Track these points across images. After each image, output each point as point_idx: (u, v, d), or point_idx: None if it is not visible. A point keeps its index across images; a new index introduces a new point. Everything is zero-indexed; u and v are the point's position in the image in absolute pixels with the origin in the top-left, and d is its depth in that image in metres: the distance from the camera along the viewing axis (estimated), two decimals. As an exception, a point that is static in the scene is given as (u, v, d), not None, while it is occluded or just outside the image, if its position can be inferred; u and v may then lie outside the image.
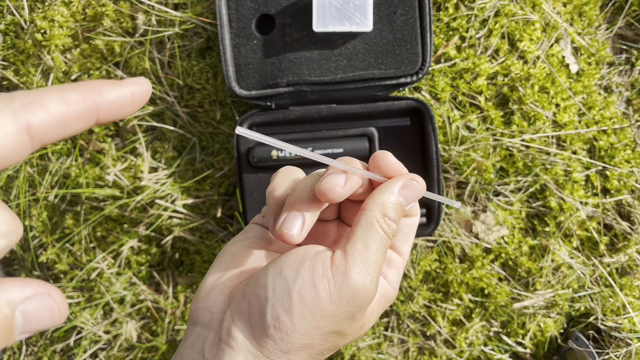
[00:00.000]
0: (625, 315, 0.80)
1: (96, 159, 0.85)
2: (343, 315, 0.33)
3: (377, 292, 0.36)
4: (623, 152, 0.80)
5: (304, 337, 0.32)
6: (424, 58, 0.72)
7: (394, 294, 0.39)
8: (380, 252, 0.34)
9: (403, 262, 0.39)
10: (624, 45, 0.82)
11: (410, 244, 0.40)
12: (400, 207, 0.35)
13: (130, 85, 0.24)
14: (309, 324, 0.32)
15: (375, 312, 0.37)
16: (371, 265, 0.33)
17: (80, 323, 0.88)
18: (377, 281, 0.34)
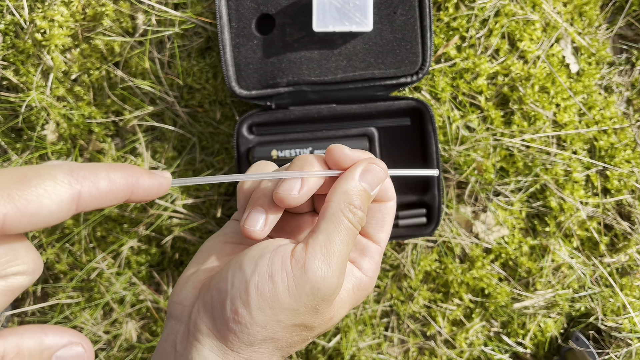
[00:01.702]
0: (626, 315, 0.80)
1: (96, 158, 0.85)
2: (304, 308, 0.32)
3: (349, 283, 0.36)
4: (623, 152, 0.80)
5: (265, 330, 0.32)
6: (424, 58, 0.72)
7: (369, 283, 0.37)
8: (345, 243, 0.33)
9: (379, 250, 0.38)
10: (624, 45, 0.82)
11: (387, 232, 0.38)
12: (364, 192, 0.34)
13: (160, 178, 0.29)
14: (268, 317, 0.32)
15: (347, 303, 0.36)
16: (333, 258, 0.32)
17: (80, 323, 0.88)
18: (341, 273, 0.33)
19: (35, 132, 0.86)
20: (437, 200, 0.74)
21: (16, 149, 0.87)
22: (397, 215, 0.76)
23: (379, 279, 0.85)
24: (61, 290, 0.89)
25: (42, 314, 0.91)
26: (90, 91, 0.84)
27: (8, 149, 0.87)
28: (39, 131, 0.85)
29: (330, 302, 0.33)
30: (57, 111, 0.84)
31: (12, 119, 0.87)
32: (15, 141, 0.87)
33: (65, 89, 0.84)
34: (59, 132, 0.85)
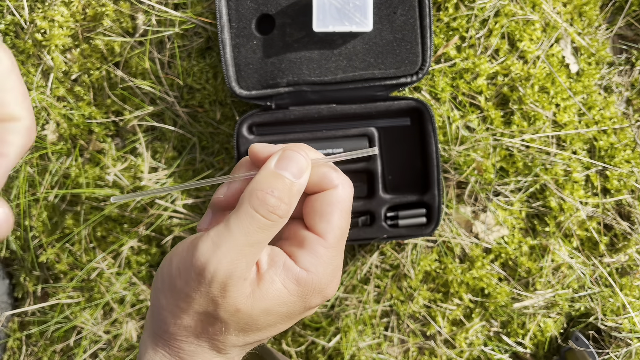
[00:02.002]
0: (626, 315, 0.80)
1: (96, 159, 0.85)
2: (197, 294, 0.32)
3: (279, 277, 0.33)
4: (623, 152, 0.80)
5: (173, 316, 0.33)
6: (424, 58, 0.72)
7: (312, 280, 0.33)
8: (244, 230, 0.31)
9: (323, 243, 0.34)
10: (624, 45, 0.82)
11: (333, 222, 0.34)
12: (277, 176, 0.32)
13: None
14: (169, 302, 0.33)
15: (280, 300, 0.33)
16: (225, 243, 0.31)
17: (80, 323, 0.88)
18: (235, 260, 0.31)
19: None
20: (437, 200, 0.74)
21: (16, 149, 0.87)
22: (397, 215, 0.76)
23: (378, 279, 0.85)
24: (61, 290, 0.89)
25: (42, 313, 0.91)
26: (90, 91, 0.84)
27: (8, 149, 0.87)
28: (39, 131, 0.85)
29: (225, 289, 0.31)
30: (57, 111, 0.84)
31: (12, 119, 0.87)
32: (15, 141, 0.87)
33: (65, 89, 0.84)
34: (59, 132, 0.85)
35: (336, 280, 0.35)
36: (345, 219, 0.35)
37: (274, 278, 0.33)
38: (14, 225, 0.90)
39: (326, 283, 0.34)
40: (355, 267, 0.85)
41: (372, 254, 0.84)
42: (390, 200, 0.76)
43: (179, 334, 0.33)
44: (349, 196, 0.36)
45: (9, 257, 0.93)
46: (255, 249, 0.32)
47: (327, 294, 0.35)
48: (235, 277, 0.31)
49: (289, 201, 0.33)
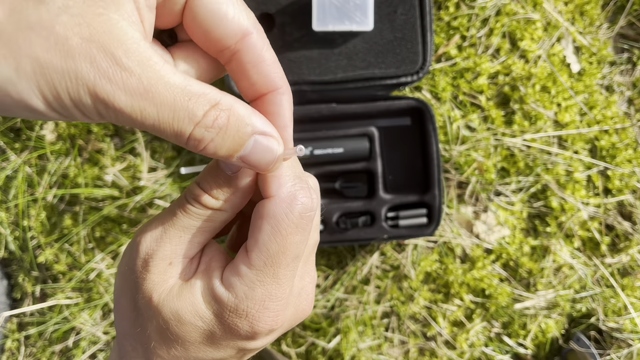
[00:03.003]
0: (627, 316, 0.80)
1: (95, 158, 0.85)
2: (128, 272, 0.31)
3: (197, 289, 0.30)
4: (625, 151, 0.80)
5: (116, 300, 0.33)
6: (425, 57, 0.72)
7: (227, 298, 0.29)
8: (172, 210, 0.31)
9: (247, 262, 0.29)
10: (626, 45, 0.81)
11: (260, 241, 0.29)
12: (213, 170, 0.30)
13: None
14: (116, 288, 0.33)
15: (199, 312, 0.30)
16: (155, 220, 0.31)
17: (79, 324, 0.88)
18: (160, 238, 0.30)
19: (34, 131, 0.85)
20: (438, 200, 0.74)
21: (15, 149, 0.87)
22: (398, 216, 0.76)
23: (379, 279, 0.85)
24: (60, 291, 0.89)
25: (40, 314, 0.90)
26: (89, 91, 0.84)
27: (7, 148, 0.87)
28: (38, 131, 0.85)
29: (145, 266, 0.30)
30: (56, 111, 0.84)
31: (11, 118, 0.86)
32: (14, 141, 0.87)
33: (64, 89, 0.84)
34: (58, 131, 0.85)
35: (268, 311, 0.30)
36: (279, 241, 0.29)
37: (197, 283, 0.30)
38: (12, 225, 0.90)
39: (246, 309, 0.29)
40: (355, 268, 0.84)
41: (372, 255, 0.84)
42: (390, 200, 0.76)
43: (122, 322, 0.32)
44: (288, 211, 0.29)
45: (7, 258, 0.92)
46: (183, 234, 0.30)
47: (254, 324, 0.29)
48: (157, 257, 0.30)
49: (221, 196, 0.30)
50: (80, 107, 0.23)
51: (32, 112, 0.23)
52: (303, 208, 0.29)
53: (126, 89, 0.23)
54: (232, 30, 0.28)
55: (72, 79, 0.22)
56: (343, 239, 0.75)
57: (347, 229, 0.74)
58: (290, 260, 0.30)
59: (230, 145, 0.27)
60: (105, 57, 0.23)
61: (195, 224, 0.30)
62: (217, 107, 0.26)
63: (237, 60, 0.30)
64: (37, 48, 0.22)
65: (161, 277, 0.30)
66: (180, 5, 0.28)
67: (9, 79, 0.22)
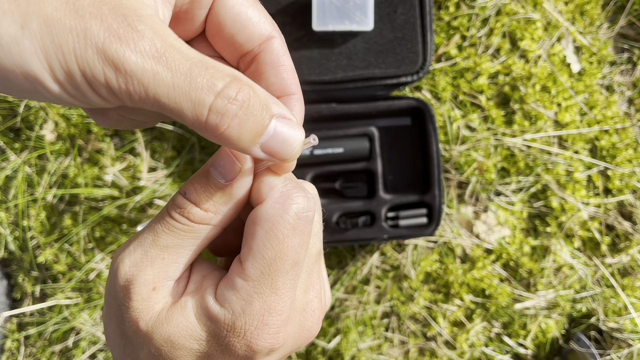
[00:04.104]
0: (627, 316, 0.80)
1: (95, 158, 0.85)
2: (111, 299, 0.28)
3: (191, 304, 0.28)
4: (625, 151, 0.80)
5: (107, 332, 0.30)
6: (425, 57, 0.72)
7: (223, 315, 0.27)
8: (152, 230, 0.27)
9: (242, 274, 0.27)
10: (626, 45, 0.81)
11: (254, 249, 0.27)
12: (201, 177, 0.28)
13: None
14: (104, 309, 0.30)
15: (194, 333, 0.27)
16: (133, 241, 0.28)
17: (79, 324, 0.88)
18: (140, 261, 0.27)
19: (34, 131, 0.85)
20: (438, 200, 0.74)
21: (15, 149, 0.87)
22: (398, 215, 0.75)
23: (379, 280, 0.84)
24: (60, 291, 0.89)
25: (40, 314, 0.90)
26: (89, 91, 0.83)
27: (7, 148, 0.87)
28: (38, 131, 0.85)
29: (127, 294, 0.27)
30: (55, 111, 0.84)
31: (11, 118, 0.86)
32: (13, 141, 0.87)
33: (64, 89, 0.84)
34: (58, 131, 0.85)
35: (267, 327, 0.27)
36: (275, 246, 0.26)
37: (188, 304, 0.27)
38: (12, 225, 0.90)
39: (243, 326, 0.26)
40: (355, 268, 0.84)
41: (372, 255, 0.84)
42: (390, 200, 0.76)
43: (113, 349, 0.30)
44: (282, 212, 0.26)
45: (7, 258, 0.92)
46: (167, 255, 0.27)
47: (252, 342, 0.27)
48: (137, 282, 0.27)
49: (212, 207, 0.27)
50: (87, 74, 0.21)
51: (32, 82, 0.21)
52: (299, 207, 0.27)
53: (138, 50, 0.21)
54: (256, 33, 0.28)
55: (81, 38, 0.21)
56: (343, 239, 0.75)
57: (347, 229, 0.74)
58: (289, 267, 0.27)
59: (252, 127, 0.24)
60: (117, 17, 0.21)
61: (180, 242, 0.27)
62: (239, 81, 0.23)
63: (258, 62, 0.29)
64: (46, 5, 0.20)
65: (146, 304, 0.27)
66: (205, 10, 0.27)
67: (14, 37, 0.20)
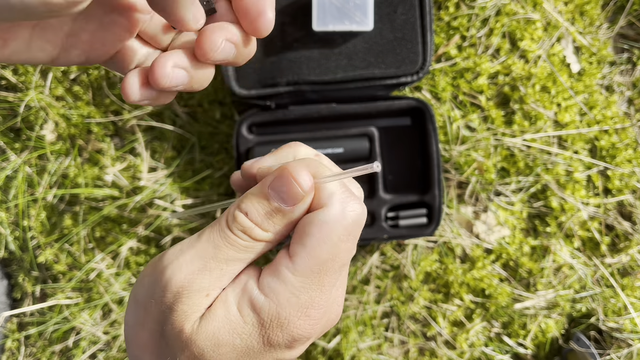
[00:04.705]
0: (627, 315, 0.80)
1: (95, 158, 0.85)
2: (154, 303, 0.29)
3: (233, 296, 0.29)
4: (624, 151, 0.80)
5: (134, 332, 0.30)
6: (425, 57, 0.72)
7: (267, 305, 0.28)
8: (212, 242, 0.28)
9: (291, 267, 0.28)
10: (626, 45, 0.81)
11: (308, 246, 0.28)
12: (261, 198, 0.29)
13: None
14: (134, 316, 0.30)
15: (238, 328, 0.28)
16: (190, 250, 0.28)
17: (79, 324, 0.88)
18: (197, 271, 0.28)
19: (34, 131, 0.85)
20: (438, 200, 0.74)
21: (15, 149, 0.87)
22: (398, 216, 0.76)
23: (379, 279, 0.85)
24: (60, 291, 0.89)
25: (40, 314, 0.90)
26: (89, 91, 0.84)
27: (7, 148, 0.87)
28: (38, 131, 0.85)
29: (177, 299, 0.28)
30: (56, 111, 0.84)
31: (11, 118, 0.86)
32: (14, 141, 0.87)
33: (64, 89, 0.84)
34: (58, 131, 0.85)
35: (309, 319, 0.29)
36: (329, 248, 0.28)
37: (229, 297, 0.28)
38: (12, 225, 0.90)
39: (288, 317, 0.28)
40: (355, 268, 0.84)
41: (372, 255, 0.84)
42: (390, 200, 0.76)
43: (140, 354, 0.30)
44: (340, 219, 0.28)
45: (7, 258, 0.92)
46: (225, 266, 0.28)
47: (294, 332, 0.28)
48: (192, 289, 0.28)
49: (270, 228, 0.29)
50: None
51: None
52: (356, 215, 0.29)
53: None
54: None
55: None
56: (343, 239, 0.75)
57: (347, 229, 0.74)
58: (337, 268, 0.29)
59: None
60: None
61: (239, 257, 0.29)
62: None
63: None
64: None
65: (195, 308, 0.28)
66: None
67: None
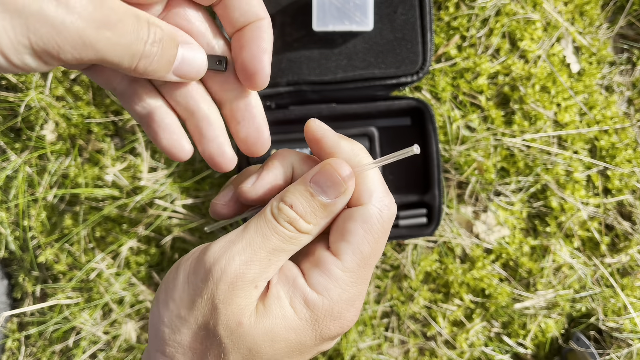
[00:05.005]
0: (627, 315, 0.80)
1: (95, 158, 0.85)
2: (200, 300, 0.29)
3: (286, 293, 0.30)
4: (624, 151, 0.80)
5: (172, 331, 0.30)
6: (425, 57, 0.72)
7: (323, 303, 0.29)
8: (261, 232, 0.29)
9: (340, 265, 0.30)
10: (625, 45, 0.81)
11: (353, 243, 0.30)
12: (305, 191, 0.30)
13: None
14: (171, 313, 0.30)
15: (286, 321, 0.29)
16: (239, 243, 0.29)
17: (79, 324, 0.88)
18: (248, 262, 0.29)
19: (35, 131, 0.85)
20: (438, 200, 0.74)
21: (15, 149, 0.87)
22: (398, 216, 0.76)
23: (379, 279, 0.85)
24: (60, 291, 0.89)
25: (41, 314, 0.90)
26: (89, 91, 0.84)
27: (7, 148, 0.87)
28: (38, 131, 0.85)
29: (232, 291, 0.28)
30: (56, 111, 0.84)
31: (11, 118, 0.87)
32: (14, 141, 0.87)
33: (64, 89, 0.84)
34: (58, 131, 0.85)
35: (354, 309, 0.31)
36: (371, 243, 0.30)
37: (281, 294, 0.30)
38: (12, 225, 0.90)
39: (340, 311, 0.30)
40: (355, 268, 0.84)
41: (372, 254, 0.84)
42: (390, 200, 0.76)
43: (176, 354, 0.30)
44: (379, 216, 0.30)
45: (7, 258, 0.92)
46: (272, 257, 0.29)
47: (344, 324, 0.30)
48: (246, 279, 0.28)
49: (313, 220, 0.30)
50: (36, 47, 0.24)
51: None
52: (389, 214, 0.31)
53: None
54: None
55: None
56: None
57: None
58: (376, 261, 0.31)
59: (167, 58, 0.30)
60: None
61: (284, 247, 0.30)
62: (152, 24, 0.28)
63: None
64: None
65: (248, 301, 0.29)
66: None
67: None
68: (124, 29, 0.27)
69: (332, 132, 0.32)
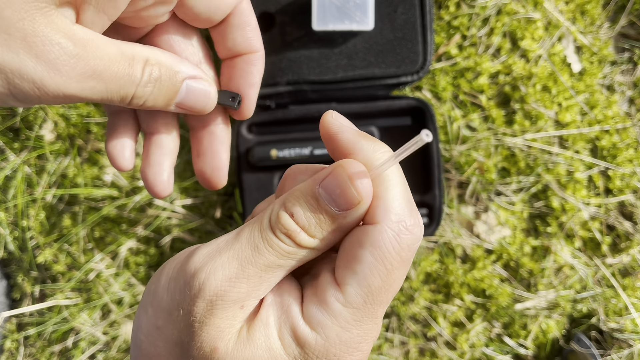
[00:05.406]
0: (628, 316, 0.80)
1: (94, 158, 0.85)
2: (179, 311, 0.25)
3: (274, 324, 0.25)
4: (625, 151, 0.80)
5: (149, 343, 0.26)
6: (425, 57, 0.72)
7: (314, 341, 0.24)
8: (252, 245, 0.24)
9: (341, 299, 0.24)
10: (627, 44, 0.81)
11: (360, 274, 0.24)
12: (311, 200, 0.24)
13: None
14: (149, 322, 0.26)
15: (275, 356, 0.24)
16: (226, 253, 0.24)
17: (78, 324, 0.88)
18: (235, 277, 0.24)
19: (33, 131, 0.85)
20: (438, 200, 0.74)
21: (14, 149, 0.87)
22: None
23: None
24: (59, 291, 0.89)
25: (40, 314, 0.90)
26: (88, 90, 0.83)
27: (6, 148, 0.87)
28: (37, 131, 0.85)
29: (210, 310, 0.24)
30: (55, 110, 0.83)
31: (10, 118, 0.86)
32: (13, 141, 0.87)
33: (63, 88, 0.83)
34: (57, 131, 0.85)
35: (360, 354, 0.25)
36: (382, 275, 0.24)
37: (270, 320, 0.25)
38: (12, 225, 0.90)
39: (338, 354, 0.24)
40: (355, 268, 0.84)
41: (372, 255, 0.83)
42: (390, 200, 0.76)
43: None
44: (396, 242, 0.24)
45: (6, 258, 0.92)
46: (264, 274, 0.24)
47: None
48: (228, 299, 0.24)
49: (318, 234, 0.25)
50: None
51: None
52: (411, 239, 0.25)
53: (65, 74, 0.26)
54: (228, 5, 0.31)
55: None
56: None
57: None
58: (390, 297, 0.25)
59: (165, 94, 0.29)
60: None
61: (280, 263, 0.25)
62: (149, 63, 0.28)
63: (226, 24, 0.32)
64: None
65: (229, 323, 0.24)
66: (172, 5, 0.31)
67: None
68: (112, 75, 0.26)
69: (352, 128, 0.26)
